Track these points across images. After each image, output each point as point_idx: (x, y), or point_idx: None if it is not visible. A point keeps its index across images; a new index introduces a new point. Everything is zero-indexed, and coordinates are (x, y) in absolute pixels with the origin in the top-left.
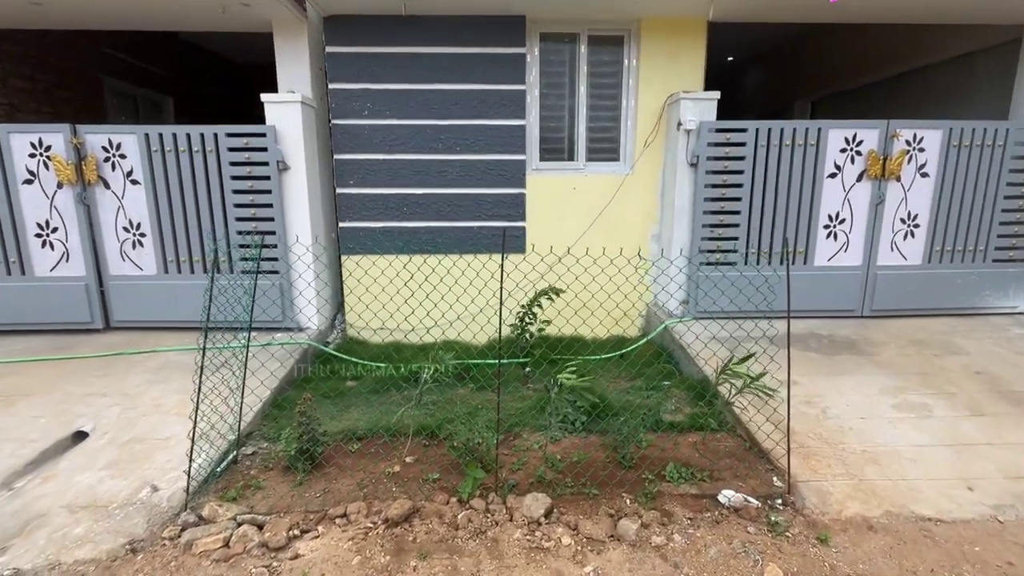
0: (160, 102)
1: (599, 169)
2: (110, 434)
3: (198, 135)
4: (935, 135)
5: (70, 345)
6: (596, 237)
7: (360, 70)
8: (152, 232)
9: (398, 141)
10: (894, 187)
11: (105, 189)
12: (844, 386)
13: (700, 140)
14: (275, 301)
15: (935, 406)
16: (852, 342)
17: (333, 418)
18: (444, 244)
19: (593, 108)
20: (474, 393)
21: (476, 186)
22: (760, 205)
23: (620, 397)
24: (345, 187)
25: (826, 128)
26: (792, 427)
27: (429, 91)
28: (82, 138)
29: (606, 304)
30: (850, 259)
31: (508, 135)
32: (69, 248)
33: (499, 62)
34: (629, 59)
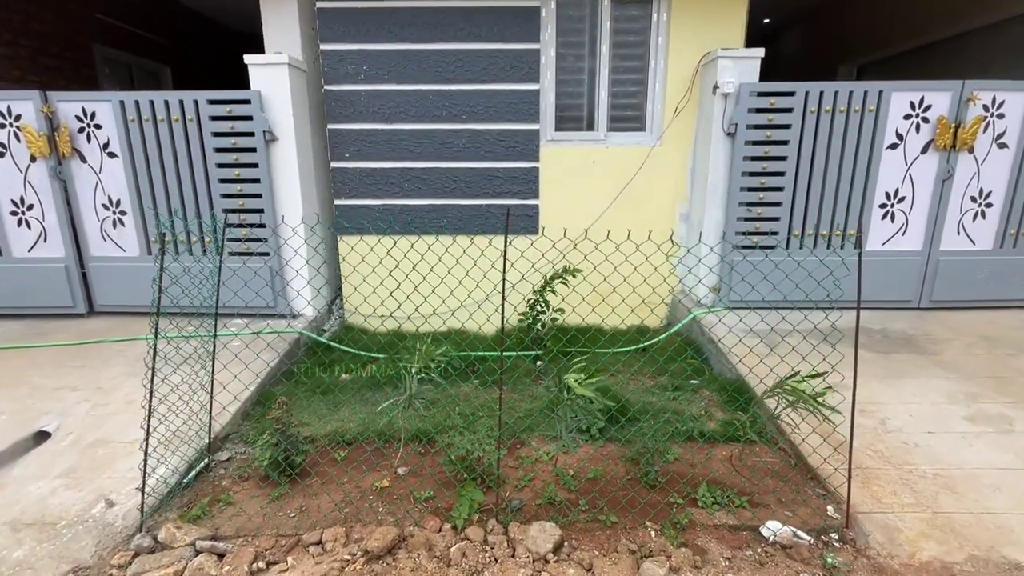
0: (157, 72)
1: (622, 140)
2: (74, 434)
3: (177, 102)
4: (1019, 99)
5: (50, 331)
6: (618, 216)
7: (355, 28)
8: (133, 210)
9: (398, 109)
10: (965, 160)
11: (81, 163)
12: (904, 391)
13: (740, 106)
14: (267, 284)
15: (1016, 418)
16: (910, 338)
17: (322, 418)
18: (449, 224)
19: (616, 71)
20: (479, 390)
21: (484, 159)
22: (807, 181)
23: (642, 397)
24: (340, 160)
25: (888, 90)
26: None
27: (432, 51)
28: (53, 106)
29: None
30: (908, 243)
31: (520, 101)
32: (46, 227)
33: (510, 17)
34: (659, 13)
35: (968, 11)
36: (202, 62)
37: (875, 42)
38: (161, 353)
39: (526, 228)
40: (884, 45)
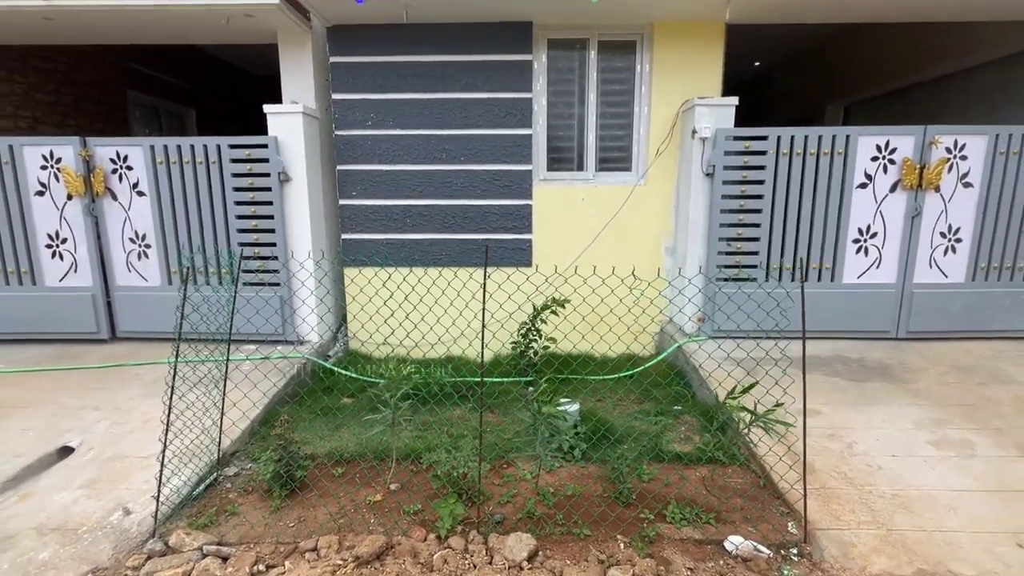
0: (182, 114)
1: (609, 179)
2: (95, 450)
3: (201, 147)
4: (979, 142)
5: (75, 355)
6: (606, 250)
7: (363, 80)
8: (157, 243)
9: (401, 151)
10: (932, 198)
11: (112, 200)
12: (874, 418)
13: (716, 149)
14: (276, 313)
15: (979, 444)
16: (885, 367)
17: (323, 437)
18: (448, 257)
19: (603, 116)
20: (471, 413)
21: (481, 197)
22: (782, 218)
23: (626, 422)
24: (348, 198)
25: (855, 135)
26: (813, 464)
27: (433, 100)
28: (91, 150)
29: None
30: (883, 276)
31: (514, 144)
32: (77, 259)
33: (505, 70)
34: (642, 65)
35: (949, 56)
36: (223, 104)
37: (858, 85)
38: (179, 374)
39: (520, 261)
40: (866, 87)
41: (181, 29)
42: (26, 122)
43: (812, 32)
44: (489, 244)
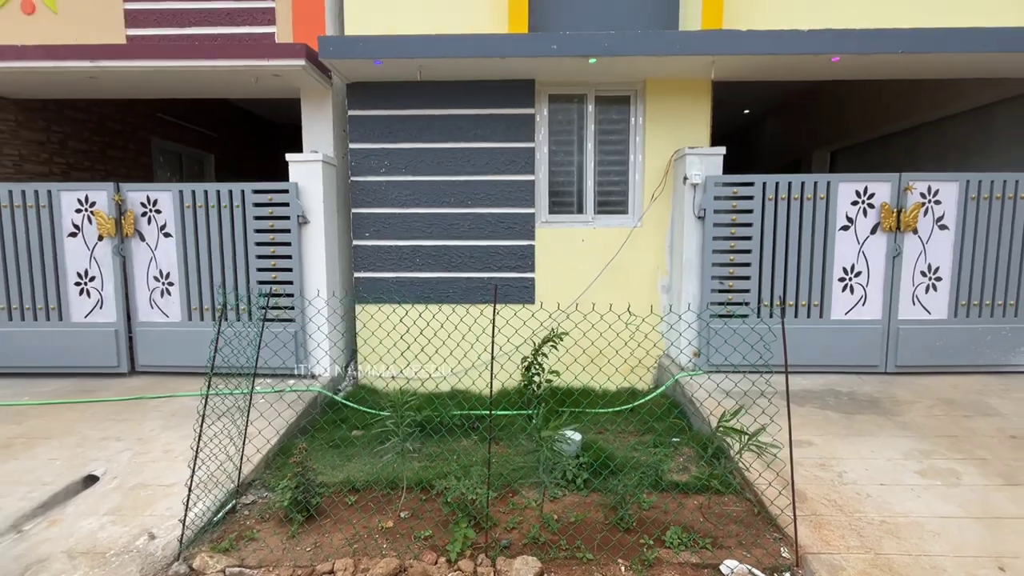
0: (203, 159)
1: (608, 222)
2: (118, 479)
3: (227, 192)
4: (951, 187)
5: (95, 388)
6: (606, 288)
7: (379, 131)
8: (180, 281)
9: (412, 196)
10: (911, 240)
11: (140, 241)
12: (864, 448)
13: (707, 194)
14: (290, 349)
15: (964, 473)
16: (874, 400)
17: (335, 468)
18: (455, 294)
19: (601, 163)
20: (478, 445)
21: (486, 238)
22: (771, 258)
23: (627, 453)
24: (361, 239)
25: (835, 181)
26: (804, 492)
27: (443, 149)
28: (124, 195)
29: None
30: (869, 313)
31: (518, 189)
32: (104, 296)
33: (509, 122)
34: (636, 117)
35: (926, 106)
36: (241, 149)
37: (842, 132)
38: (197, 408)
39: (524, 298)
40: (850, 135)
41: (215, 86)
42: (60, 168)
43: (795, 85)
44: (494, 282)
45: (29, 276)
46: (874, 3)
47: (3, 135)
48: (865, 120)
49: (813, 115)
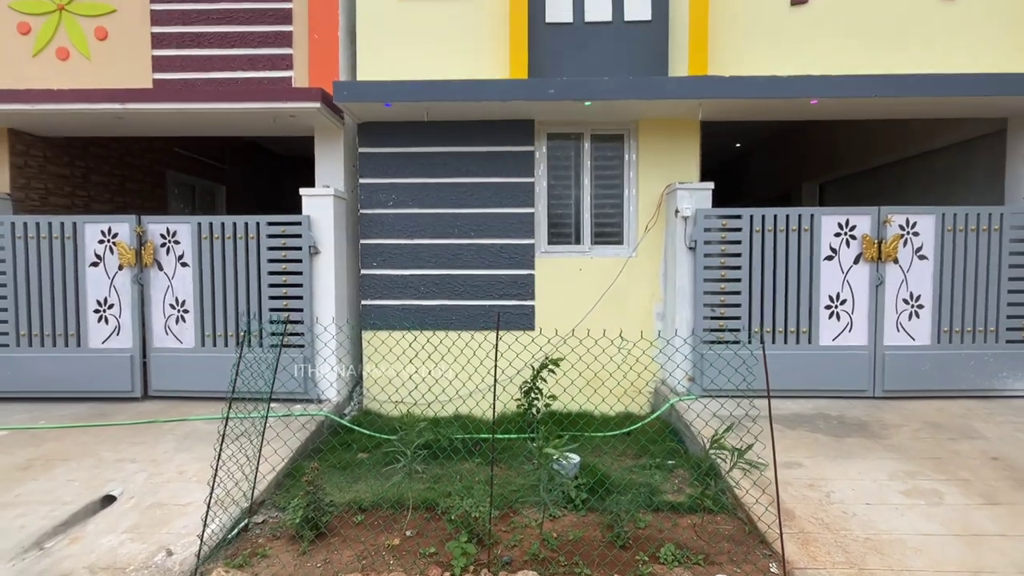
0: (214, 191)
1: (604, 252)
2: (135, 499)
3: (243, 224)
4: (928, 220)
5: (109, 413)
6: (603, 315)
7: (387, 167)
8: (194, 309)
9: (418, 227)
10: (893, 269)
11: (158, 271)
12: (851, 470)
13: (697, 226)
14: (298, 373)
15: (947, 493)
16: (863, 423)
17: (342, 489)
18: (458, 321)
19: (597, 197)
20: (480, 467)
21: (489, 267)
22: (760, 286)
23: (624, 475)
24: (369, 268)
25: (818, 214)
26: (793, 511)
27: (447, 184)
28: (145, 227)
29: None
30: (855, 339)
31: (518, 221)
32: (121, 323)
33: (510, 159)
34: (629, 154)
35: (907, 141)
36: (251, 181)
37: (831, 165)
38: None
39: (524, 325)
40: (838, 168)
41: (235, 125)
42: (82, 200)
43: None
44: (496, 310)
45: (51, 304)
46: (848, 51)
47: (32, 170)
48: (852, 154)
49: (802, 148)
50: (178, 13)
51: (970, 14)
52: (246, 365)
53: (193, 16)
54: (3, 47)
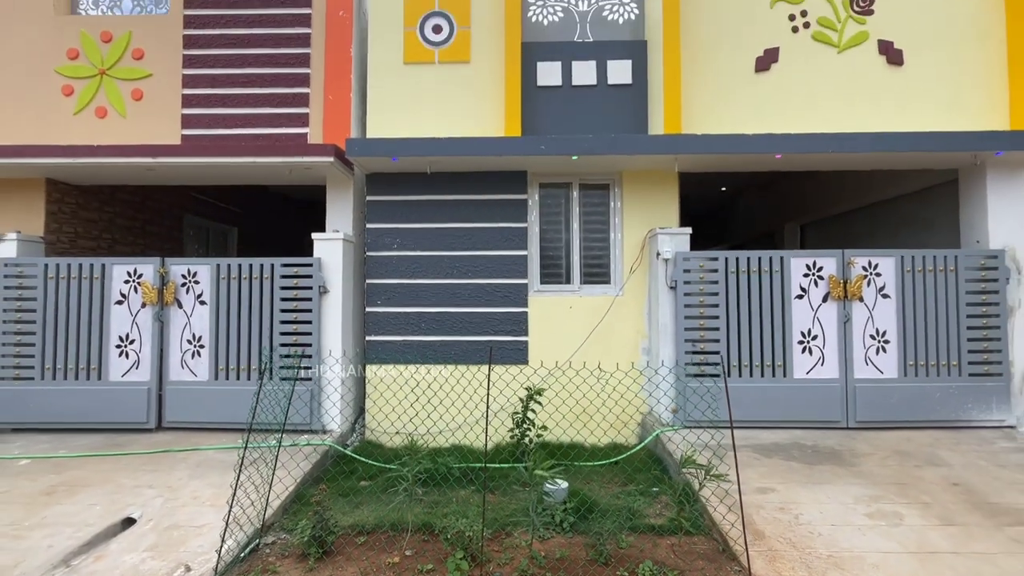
0: (227, 232)
1: (592, 291)
2: (153, 521)
3: (259, 265)
4: (889, 262)
5: (125, 443)
6: (593, 350)
7: (392, 213)
8: (210, 344)
9: (420, 268)
10: (859, 307)
11: (178, 308)
12: (821, 494)
13: (676, 268)
14: (306, 406)
15: (907, 515)
16: (835, 452)
17: (345, 513)
18: (456, 355)
19: (585, 240)
20: (475, 494)
21: (485, 305)
22: (736, 323)
23: (611, 501)
24: (374, 306)
25: (788, 257)
26: (764, 531)
27: (448, 229)
28: (168, 268)
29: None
30: (827, 372)
31: (513, 263)
32: (141, 357)
33: (505, 206)
34: (614, 201)
35: (876, 188)
36: (261, 223)
37: (809, 209)
38: (234, 459)
39: (518, 359)
40: (816, 211)
41: (254, 176)
42: (106, 242)
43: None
44: (492, 345)
45: (76, 339)
46: (807, 111)
47: (64, 216)
48: (828, 198)
49: (783, 192)
50: (207, 77)
51: (914, 78)
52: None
53: (221, 80)
54: (48, 106)
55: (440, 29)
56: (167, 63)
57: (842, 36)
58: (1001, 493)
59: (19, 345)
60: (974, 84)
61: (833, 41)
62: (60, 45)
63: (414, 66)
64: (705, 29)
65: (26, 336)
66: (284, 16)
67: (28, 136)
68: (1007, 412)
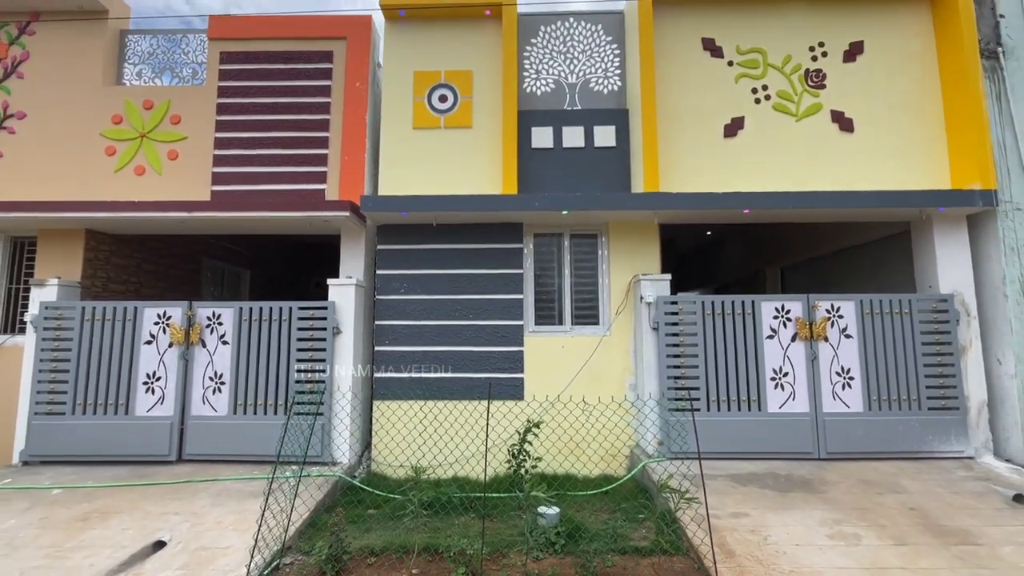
0: (240, 274)
1: (583, 331)
2: (182, 543)
3: (278, 308)
4: (850, 305)
5: (149, 474)
6: (583, 386)
7: (401, 260)
8: (230, 381)
9: (425, 311)
10: (824, 346)
11: (202, 348)
12: (789, 518)
13: (658, 310)
14: (318, 439)
15: (865, 536)
16: (806, 481)
17: (356, 538)
18: (458, 391)
19: (576, 284)
20: (474, 521)
21: (485, 345)
22: (714, 361)
23: (599, 526)
24: (382, 346)
25: (758, 301)
26: (734, 551)
27: (450, 275)
28: (195, 311)
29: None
30: (799, 407)
31: (510, 306)
32: (165, 393)
33: (503, 254)
34: (602, 249)
35: (845, 235)
36: (274, 265)
37: (786, 254)
38: (251, 489)
39: (514, 395)
40: (793, 256)
41: (276, 227)
42: (133, 285)
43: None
44: (490, 381)
45: (107, 376)
46: (771, 171)
47: (100, 262)
48: (805, 244)
49: (765, 237)
50: (236, 140)
51: (865, 143)
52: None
53: (248, 142)
54: (92, 164)
55: (446, 99)
56: (201, 127)
57: (799, 107)
58: (951, 517)
59: (54, 382)
60: (918, 148)
61: (791, 111)
62: (106, 111)
63: (422, 131)
64: (679, 100)
65: (61, 374)
66: (307, 87)
67: (72, 189)
68: (965, 443)
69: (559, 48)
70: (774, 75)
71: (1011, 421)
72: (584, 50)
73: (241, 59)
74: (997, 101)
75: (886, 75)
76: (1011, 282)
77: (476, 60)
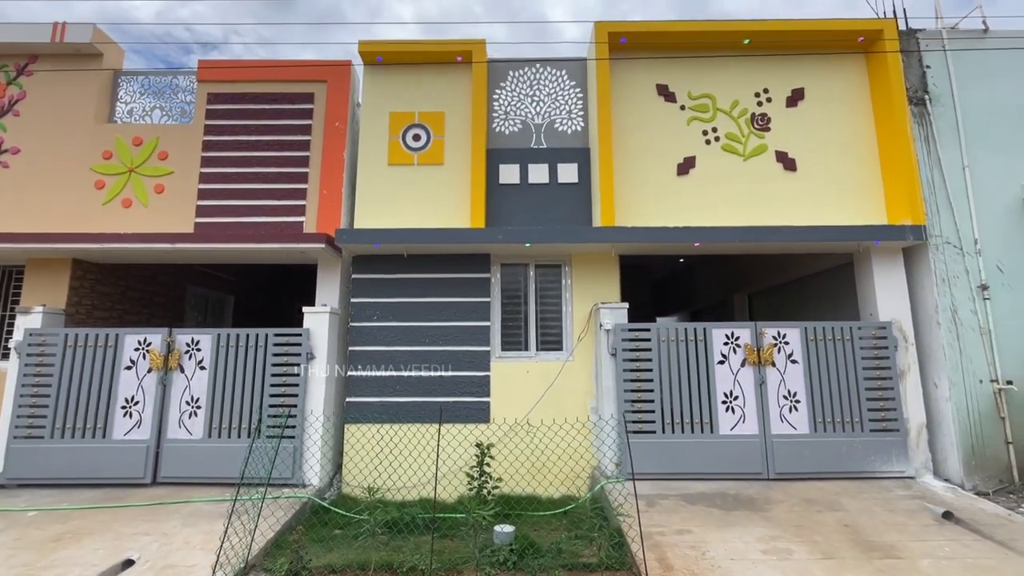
0: (223, 300)
1: (547, 356)
2: (151, 562)
3: (255, 335)
4: (795, 332)
5: (123, 496)
6: (547, 409)
7: (374, 289)
8: (206, 405)
9: (397, 337)
10: (772, 371)
11: (180, 373)
12: (729, 535)
13: (616, 337)
14: (290, 461)
15: (796, 551)
16: (752, 500)
17: (319, 556)
18: (426, 415)
19: (541, 312)
20: (436, 539)
21: (453, 370)
22: (669, 385)
23: (554, 544)
24: (355, 371)
25: (709, 328)
26: (673, 565)
27: (421, 303)
28: (174, 337)
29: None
30: (748, 429)
31: (477, 332)
32: (143, 417)
33: (471, 283)
34: (565, 279)
35: (800, 265)
36: (255, 292)
37: (752, 281)
38: (223, 510)
39: (481, 418)
40: (758, 283)
41: (257, 257)
42: (117, 312)
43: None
44: (455, 405)
45: (87, 401)
46: (719, 206)
47: (85, 290)
48: (767, 272)
49: (732, 266)
50: (221, 175)
51: (807, 181)
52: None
53: (233, 177)
54: (81, 197)
55: (419, 138)
56: (188, 162)
57: (746, 147)
58: (880, 533)
59: (35, 407)
60: (857, 186)
61: (739, 151)
62: (98, 147)
63: (396, 167)
64: (635, 140)
65: (42, 398)
66: (290, 126)
67: (60, 220)
68: (906, 464)
69: (526, 91)
70: (723, 118)
71: (948, 442)
72: (550, 93)
73: (227, 100)
74: (926, 143)
75: (826, 119)
76: (943, 311)
77: (448, 102)
